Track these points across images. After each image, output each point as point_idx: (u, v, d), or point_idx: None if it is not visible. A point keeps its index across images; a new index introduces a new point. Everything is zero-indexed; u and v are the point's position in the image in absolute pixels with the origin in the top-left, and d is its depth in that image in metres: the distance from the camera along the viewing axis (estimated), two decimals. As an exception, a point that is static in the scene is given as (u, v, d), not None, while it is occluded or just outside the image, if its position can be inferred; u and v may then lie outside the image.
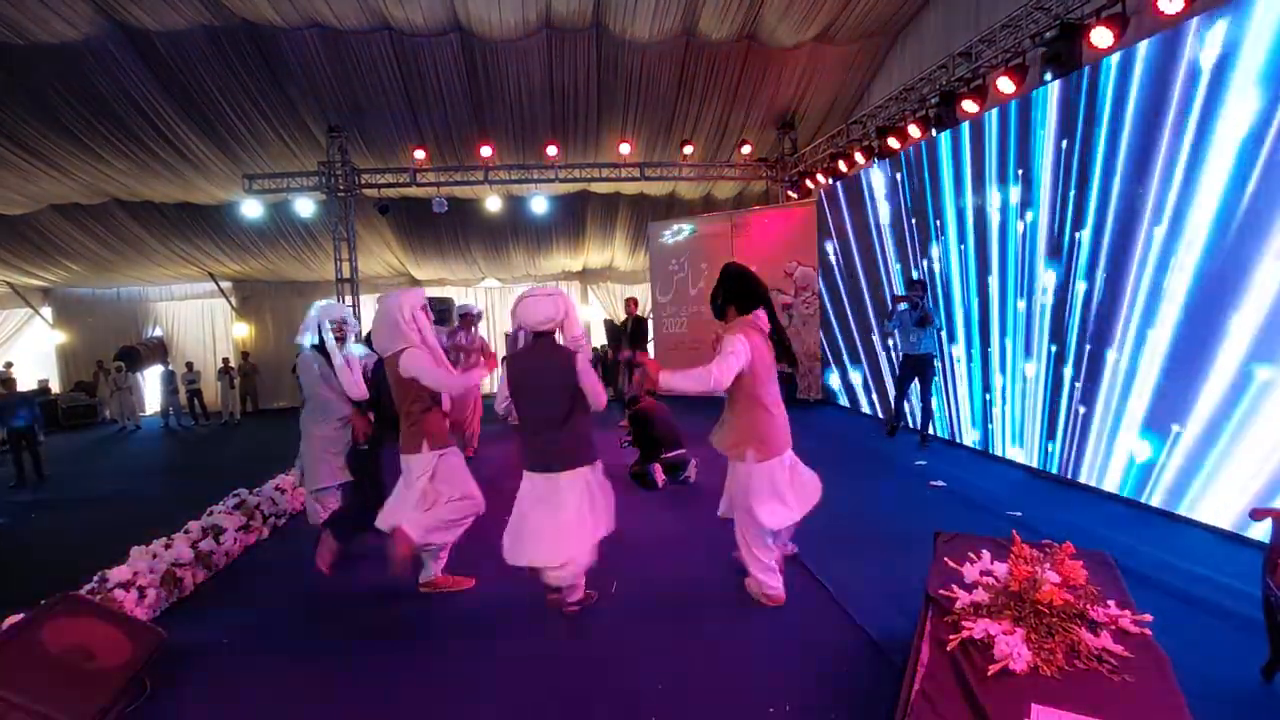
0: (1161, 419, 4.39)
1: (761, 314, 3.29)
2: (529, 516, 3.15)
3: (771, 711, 2.45)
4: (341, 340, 4.26)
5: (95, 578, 3.45)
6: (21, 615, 2.66)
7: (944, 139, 6.61)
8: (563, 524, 3.08)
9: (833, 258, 9.18)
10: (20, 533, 5.54)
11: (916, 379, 6.59)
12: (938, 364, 6.66)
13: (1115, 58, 4.67)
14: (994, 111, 5.95)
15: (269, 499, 5.08)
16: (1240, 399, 3.86)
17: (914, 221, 7.22)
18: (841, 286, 8.98)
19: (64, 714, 2.17)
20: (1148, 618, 2.17)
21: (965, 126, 6.30)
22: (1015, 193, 5.67)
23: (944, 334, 6.70)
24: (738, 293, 3.30)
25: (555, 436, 3.10)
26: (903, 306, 6.51)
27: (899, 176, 7.45)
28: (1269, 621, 2.47)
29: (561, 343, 3.22)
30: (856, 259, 8.49)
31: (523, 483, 3.23)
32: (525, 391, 3.18)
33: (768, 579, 3.28)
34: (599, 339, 13.42)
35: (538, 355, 3.17)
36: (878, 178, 7.94)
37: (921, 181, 7.02)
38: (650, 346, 11.13)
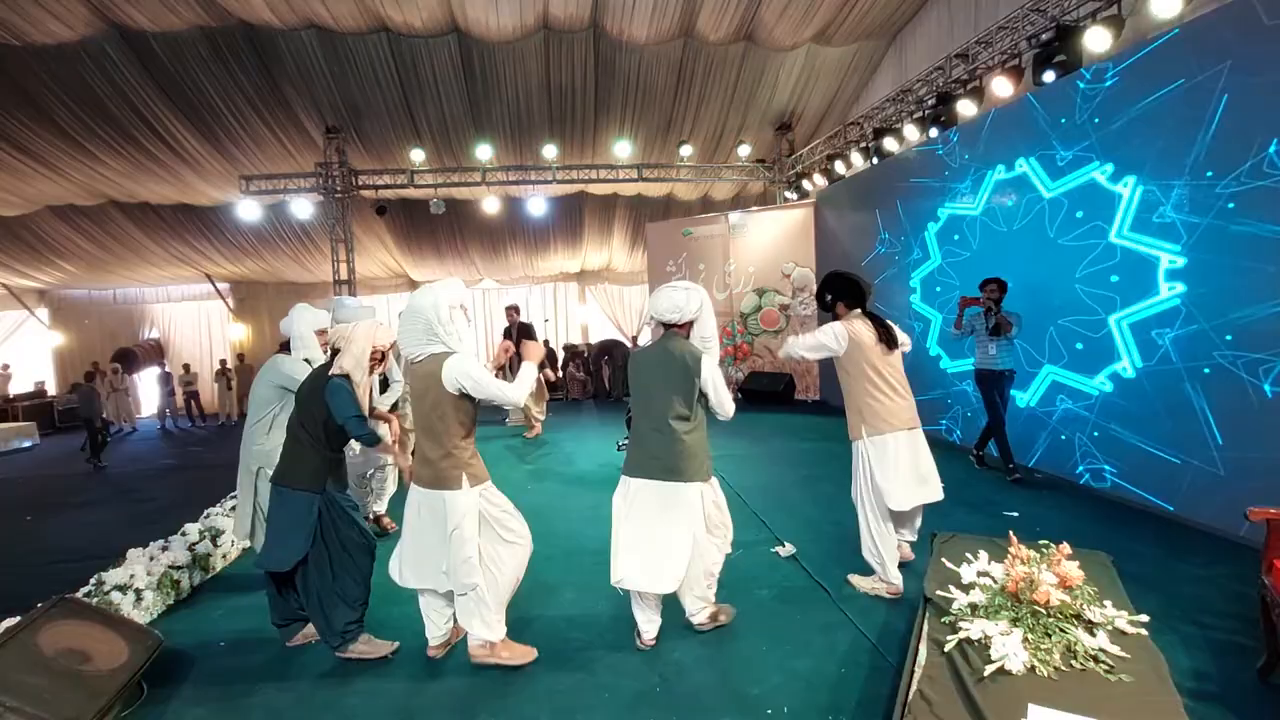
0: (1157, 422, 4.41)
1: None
2: (625, 528, 2.88)
3: (769, 713, 2.45)
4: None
5: (92, 580, 3.44)
6: (18, 618, 2.65)
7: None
8: (669, 540, 2.80)
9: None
10: (16, 535, 5.52)
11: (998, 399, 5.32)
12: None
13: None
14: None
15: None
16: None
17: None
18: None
19: (61, 718, 2.17)
20: (1144, 618, 2.18)
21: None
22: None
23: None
24: (844, 290, 3.45)
25: (665, 441, 2.81)
26: (973, 310, 5.30)
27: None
28: (1265, 622, 2.48)
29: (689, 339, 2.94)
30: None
31: (619, 489, 2.95)
32: (639, 388, 2.93)
33: (886, 569, 3.29)
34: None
35: (657, 349, 2.91)
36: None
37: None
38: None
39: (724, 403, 2.87)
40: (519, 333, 7.96)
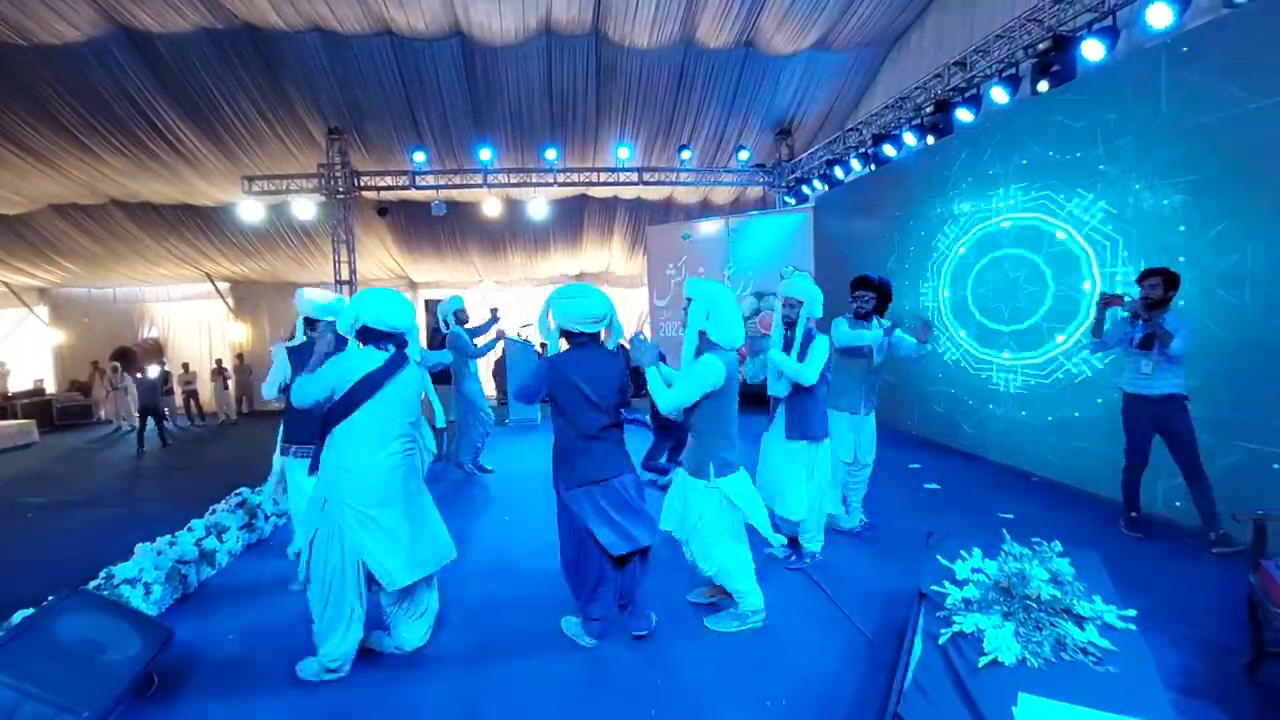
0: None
1: None
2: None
3: (769, 705, 2.52)
4: None
5: (102, 574, 3.48)
6: (33, 610, 2.70)
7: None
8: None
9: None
10: (25, 531, 5.55)
11: (1159, 435, 3.93)
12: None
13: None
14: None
15: (271, 498, 5.11)
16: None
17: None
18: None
19: (81, 705, 2.22)
20: (1131, 613, 2.25)
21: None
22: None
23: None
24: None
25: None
26: (1120, 313, 4.00)
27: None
28: (1251, 621, 2.55)
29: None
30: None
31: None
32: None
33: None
34: None
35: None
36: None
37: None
38: None
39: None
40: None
